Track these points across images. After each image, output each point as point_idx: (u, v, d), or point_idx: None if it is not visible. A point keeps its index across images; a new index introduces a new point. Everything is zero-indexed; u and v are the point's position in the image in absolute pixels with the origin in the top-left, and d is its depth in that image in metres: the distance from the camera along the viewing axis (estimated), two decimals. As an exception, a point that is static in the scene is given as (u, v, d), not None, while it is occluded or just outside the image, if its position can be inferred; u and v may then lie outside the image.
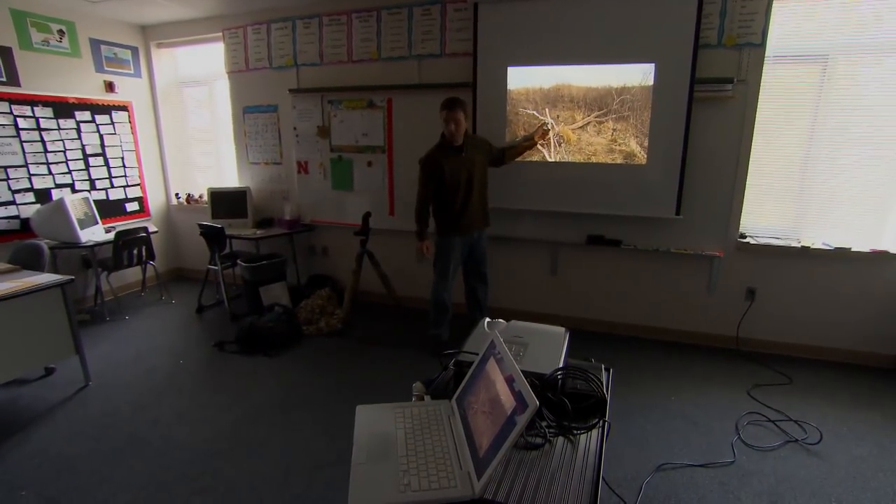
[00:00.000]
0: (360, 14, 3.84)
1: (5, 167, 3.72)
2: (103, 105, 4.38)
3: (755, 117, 3.07)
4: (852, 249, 3.06)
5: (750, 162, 3.15)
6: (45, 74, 3.94)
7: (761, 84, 3.02)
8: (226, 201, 4.51)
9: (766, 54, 2.98)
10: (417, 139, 3.85)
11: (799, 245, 3.16)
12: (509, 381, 1.04)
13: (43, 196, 3.97)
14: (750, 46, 2.98)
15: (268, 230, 4.36)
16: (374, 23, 3.81)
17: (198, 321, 4.06)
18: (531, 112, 3.43)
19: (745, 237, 3.30)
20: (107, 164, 4.46)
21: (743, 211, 3.24)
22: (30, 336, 2.70)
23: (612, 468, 2.17)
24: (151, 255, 4.31)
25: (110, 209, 4.50)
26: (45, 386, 2.99)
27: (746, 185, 3.19)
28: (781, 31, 3.00)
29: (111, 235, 3.97)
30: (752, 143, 3.11)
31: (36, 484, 2.13)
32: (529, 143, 3.34)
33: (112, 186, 4.53)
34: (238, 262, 4.14)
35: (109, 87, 4.42)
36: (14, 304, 2.58)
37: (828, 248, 3.11)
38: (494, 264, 3.91)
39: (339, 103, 4.06)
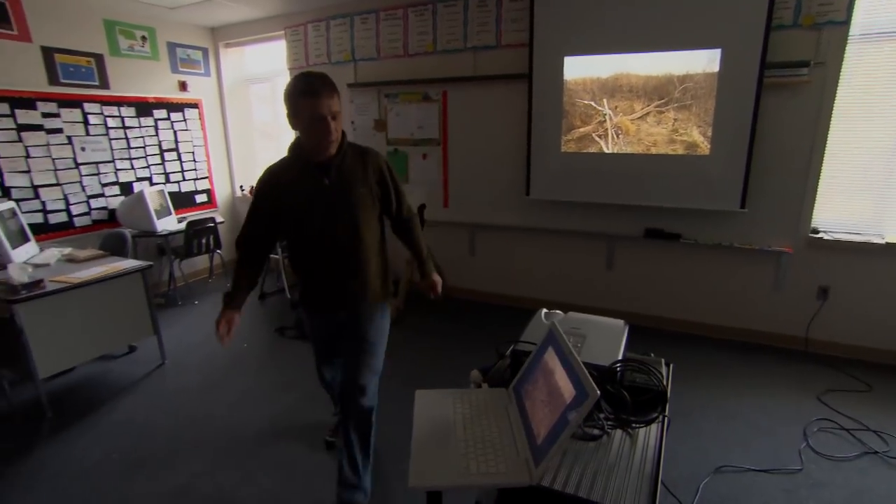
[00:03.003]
0: (415, 8, 3.88)
1: (97, 163, 4.09)
2: (177, 103, 4.69)
3: (834, 103, 2.85)
4: (945, 247, 2.81)
5: (826, 151, 2.94)
6: (130, 76, 4.27)
7: (843, 66, 2.80)
8: (286, 193, 4.71)
9: (851, 33, 2.75)
10: (472, 132, 3.87)
11: (883, 241, 2.92)
12: (568, 370, 1.05)
13: (126, 189, 4.32)
14: (831, 25, 2.76)
15: (325, 221, 4.52)
16: (429, 16, 3.85)
17: (260, 307, 4.30)
18: (588, 102, 3.35)
19: (817, 232, 3.08)
20: (179, 158, 4.78)
21: (816, 204, 3.03)
22: (116, 316, 2.96)
23: (668, 468, 2.11)
24: (218, 244, 4.59)
25: (182, 201, 4.82)
26: (128, 362, 3.28)
27: (821, 177, 2.98)
28: (870, 5, 2.74)
29: (183, 225, 4.27)
30: (829, 131, 2.90)
31: (124, 449, 2.36)
32: (419, 266, 2.30)
33: (184, 179, 4.85)
34: (297, 251, 4.32)
35: (182, 86, 4.72)
36: (105, 286, 2.85)
37: (916, 244, 2.86)
38: (546, 258, 3.87)
39: (396, 97, 4.13)
